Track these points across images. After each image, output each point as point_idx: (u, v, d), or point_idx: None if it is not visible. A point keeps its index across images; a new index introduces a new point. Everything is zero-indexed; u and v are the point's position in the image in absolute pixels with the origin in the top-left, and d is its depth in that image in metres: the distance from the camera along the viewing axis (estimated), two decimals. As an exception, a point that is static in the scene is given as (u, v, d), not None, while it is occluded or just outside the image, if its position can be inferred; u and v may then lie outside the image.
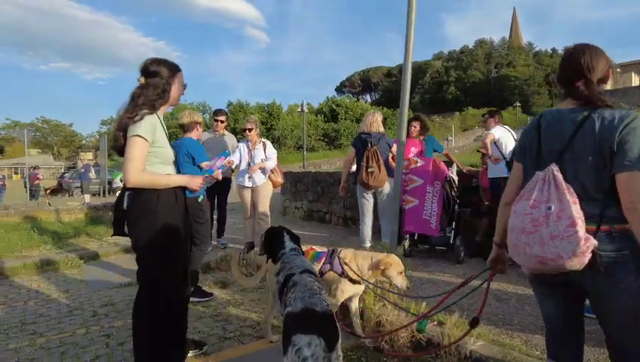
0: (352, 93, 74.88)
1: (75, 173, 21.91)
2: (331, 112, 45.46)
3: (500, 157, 4.76)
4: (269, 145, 5.29)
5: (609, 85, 1.65)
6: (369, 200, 4.84)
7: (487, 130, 5.12)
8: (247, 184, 5.16)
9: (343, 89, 78.96)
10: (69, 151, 60.49)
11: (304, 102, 27.15)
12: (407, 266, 3.47)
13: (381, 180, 4.64)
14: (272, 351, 2.80)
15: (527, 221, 1.40)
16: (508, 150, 4.75)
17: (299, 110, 29.51)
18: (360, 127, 5.12)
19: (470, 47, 72.39)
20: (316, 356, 1.50)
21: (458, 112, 56.90)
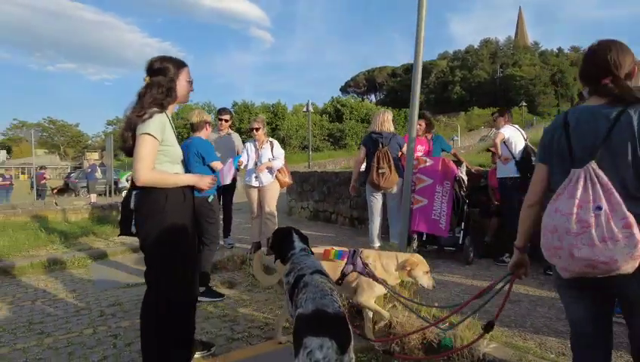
0: (356, 93, 74.93)
1: (82, 173, 22.02)
2: (336, 112, 45.46)
3: (510, 157, 4.69)
4: (276, 144, 5.25)
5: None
6: (378, 199, 4.79)
7: (497, 129, 5.06)
8: (254, 184, 5.12)
9: (347, 89, 79.05)
10: (75, 152, 60.93)
11: (309, 102, 27.18)
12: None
13: (392, 181, 4.58)
14: (281, 352, 2.77)
15: (573, 221, 1.33)
16: (517, 150, 4.69)
17: (304, 110, 29.55)
18: (370, 126, 5.06)
19: (475, 46, 72.27)
20: (328, 359, 1.46)
21: (463, 112, 56.76)
